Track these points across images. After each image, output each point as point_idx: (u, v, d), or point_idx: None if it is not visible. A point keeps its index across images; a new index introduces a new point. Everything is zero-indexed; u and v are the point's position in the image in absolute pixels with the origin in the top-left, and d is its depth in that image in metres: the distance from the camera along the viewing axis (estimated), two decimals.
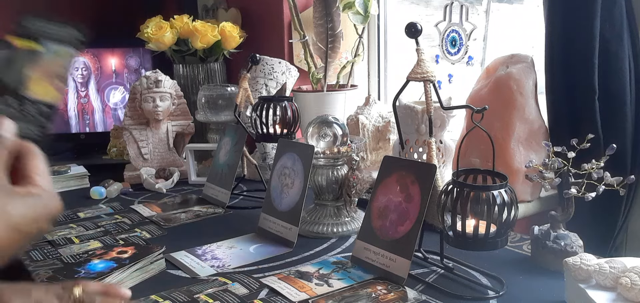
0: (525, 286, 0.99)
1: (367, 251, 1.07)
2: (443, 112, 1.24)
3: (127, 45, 2.33)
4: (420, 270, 1.06)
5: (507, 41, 1.56)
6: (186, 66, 1.98)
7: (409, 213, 1.02)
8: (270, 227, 1.25)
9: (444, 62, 1.61)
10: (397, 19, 1.89)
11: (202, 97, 1.78)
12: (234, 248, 1.20)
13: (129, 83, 2.33)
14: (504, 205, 0.91)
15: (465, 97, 1.40)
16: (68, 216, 1.45)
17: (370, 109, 1.64)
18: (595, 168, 0.98)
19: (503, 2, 1.58)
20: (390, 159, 1.12)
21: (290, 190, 1.23)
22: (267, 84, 1.72)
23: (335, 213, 1.28)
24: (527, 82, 1.29)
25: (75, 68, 2.35)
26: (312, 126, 1.28)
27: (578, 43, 1.17)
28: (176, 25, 1.90)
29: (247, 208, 1.50)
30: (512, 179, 1.22)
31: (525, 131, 1.30)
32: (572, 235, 1.04)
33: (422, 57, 1.02)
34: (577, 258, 0.89)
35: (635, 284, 0.81)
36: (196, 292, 0.99)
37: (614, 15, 1.15)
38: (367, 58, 1.96)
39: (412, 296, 0.95)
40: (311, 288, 0.99)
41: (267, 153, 1.68)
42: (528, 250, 1.12)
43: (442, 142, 1.29)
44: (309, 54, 1.78)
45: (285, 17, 1.93)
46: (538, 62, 1.31)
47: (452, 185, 0.95)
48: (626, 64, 1.17)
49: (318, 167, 1.26)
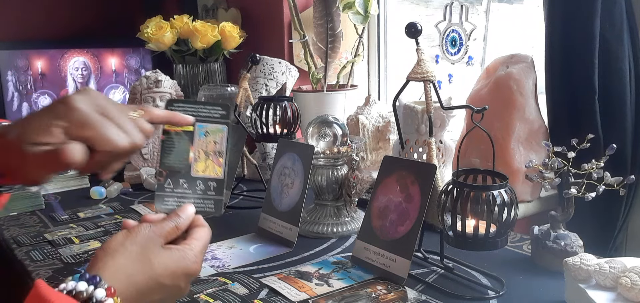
0: (525, 286, 0.99)
1: (367, 251, 1.07)
2: (443, 112, 1.24)
3: (127, 45, 2.33)
4: (420, 270, 1.06)
5: (507, 40, 1.56)
6: (186, 66, 1.98)
7: (409, 213, 1.02)
8: (270, 227, 1.25)
9: (444, 62, 1.61)
10: (397, 19, 1.89)
11: (202, 97, 1.78)
12: (234, 248, 1.20)
13: (129, 83, 2.33)
14: (504, 205, 0.91)
15: (465, 97, 1.40)
16: (68, 216, 1.45)
17: (370, 109, 1.64)
18: (595, 168, 0.98)
19: (503, 2, 1.58)
20: (390, 159, 1.12)
21: (290, 190, 1.23)
22: (267, 84, 1.72)
23: (335, 213, 1.28)
24: (527, 82, 1.29)
25: (75, 68, 2.35)
26: (312, 126, 1.28)
27: (578, 43, 1.17)
28: (176, 25, 1.90)
29: (247, 208, 1.50)
30: (512, 179, 1.22)
31: (525, 131, 1.30)
32: (572, 235, 1.04)
33: (422, 57, 1.02)
34: (577, 258, 0.89)
35: (635, 284, 0.81)
36: (196, 291, 0.99)
37: (614, 15, 1.15)
38: (367, 58, 1.96)
39: (412, 296, 0.95)
40: (311, 288, 0.99)
41: (267, 153, 1.68)
42: (528, 250, 1.12)
43: (442, 142, 1.29)
44: (309, 54, 1.78)
45: (285, 17, 1.93)
46: (538, 62, 1.30)
47: (452, 185, 0.95)
48: (626, 64, 1.17)
49: (318, 167, 1.26)
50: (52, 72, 2.32)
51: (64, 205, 1.55)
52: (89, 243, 1.26)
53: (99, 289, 0.58)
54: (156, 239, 0.66)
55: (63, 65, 2.33)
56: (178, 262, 0.66)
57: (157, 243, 0.66)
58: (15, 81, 2.31)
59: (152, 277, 0.63)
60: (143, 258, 0.64)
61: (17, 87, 2.31)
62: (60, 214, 1.46)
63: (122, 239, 0.65)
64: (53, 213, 1.48)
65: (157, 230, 0.67)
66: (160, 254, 0.65)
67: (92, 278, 0.59)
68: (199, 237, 0.70)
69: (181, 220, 0.70)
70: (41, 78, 2.32)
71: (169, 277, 0.65)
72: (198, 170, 0.77)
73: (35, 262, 1.16)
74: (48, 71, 2.32)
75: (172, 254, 0.66)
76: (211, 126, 0.78)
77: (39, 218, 1.45)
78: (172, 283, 0.65)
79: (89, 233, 1.33)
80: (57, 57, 2.32)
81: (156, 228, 0.67)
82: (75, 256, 1.19)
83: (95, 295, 0.57)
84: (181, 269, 0.66)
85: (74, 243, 1.26)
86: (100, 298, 0.57)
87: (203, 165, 0.77)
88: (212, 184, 0.77)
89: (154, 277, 0.63)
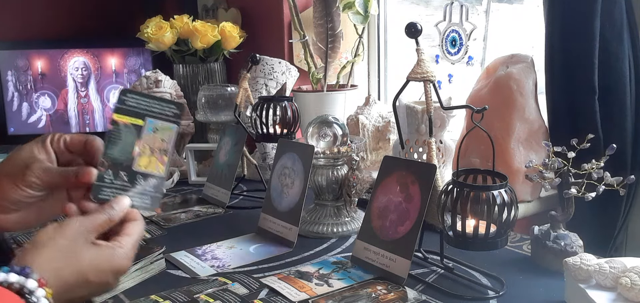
0: (525, 286, 0.99)
1: (367, 251, 1.07)
2: (443, 112, 1.24)
3: (127, 45, 2.33)
4: (420, 270, 1.06)
5: (507, 40, 1.56)
6: (186, 66, 1.98)
7: (409, 213, 1.02)
8: (270, 227, 1.25)
9: (444, 62, 1.61)
10: (397, 19, 1.89)
11: (202, 97, 1.78)
12: (234, 248, 1.20)
13: (129, 83, 2.33)
14: (504, 205, 0.91)
15: (465, 97, 1.40)
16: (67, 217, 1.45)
17: (370, 109, 1.64)
18: (595, 168, 0.98)
19: (503, 2, 1.58)
20: (390, 159, 1.12)
21: (290, 190, 1.23)
22: (267, 84, 1.72)
23: (335, 213, 1.28)
24: (527, 82, 1.29)
25: (75, 68, 2.35)
26: (312, 126, 1.28)
27: (578, 43, 1.17)
28: (176, 25, 1.90)
29: (247, 208, 1.50)
30: (512, 179, 1.22)
31: (525, 131, 1.30)
32: (572, 235, 1.04)
33: (422, 57, 1.02)
34: (577, 258, 0.89)
35: (635, 284, 0.81)
36: (196, 291, 0.99)
37: (614, 15, 1.15)
38: (367, 58, 1.96)
39: (412, 296, 0.95)
40: (311, 288, 0.99)
41: (267, 153, 1.68)
42: (528, 250, 1.12)
43: (442, 142, 1.29)
44: (309, 54, 1.78)
45: (285, 17, 1.93)
46: (538, 62, 1.31)
47: (452, 185, 0.95)
48: (626, 64, 1.17)
49: (318, 167, 1.26)
50: (52, 72, 2.33)
51: None
52: None
53: (30, 280, 0.59)
54: (86, 234, 0.66)
55: (63, 65, 2.33)
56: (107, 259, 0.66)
57: (87, 239, 0.66)
58: (15, 81, 2.31)
59: (80, 271, 0.64)
60: (71, 252, 0.64)
61: (17, 87, 2.31)
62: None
63: (52, 232, 0.65)
64: None
65: (87, 223, 0.67)
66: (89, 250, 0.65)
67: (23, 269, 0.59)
68: (131, 233, 0.70)
69: (114, 212, 0.70)
70: (41, 78, 2.32)
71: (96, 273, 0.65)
72: (140, 165, 0.75)
73: None
74: (48, 71, 2.32)
75: (100, 251, 0.66)
76: (161, 123, 0.77)
77: None
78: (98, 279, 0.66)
79: None
80: (57, 57, 2.32)
81: (87, 221, 0.68)
82: None
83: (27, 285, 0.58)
84: (110, 266, 0.66)
85: None
86: (31, 288, 0.58)
87: (146, 160, 0.76)
88: (153, 181, 0.76)
89: (82, 272, 0.64)
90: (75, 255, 0.64)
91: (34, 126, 2.34)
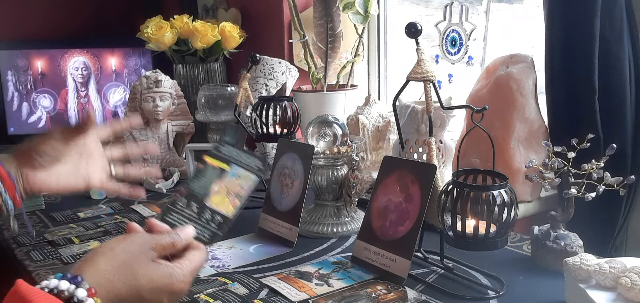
0: (525, 286, 0.99)
1: (367, 251, 1.07)
2: (443, 112, 1.24)
3: (127, 45, 2.33)
4: (420, 270, 1.06)
5: (507, 40, 1.56)
6: (186, 66, 1.98)
7: (409, 213, 1.02)
8: (270, 227, 1.25)
9: (444, 62, 1.60)
10: (397, 19, 1.89)
11: (202, 97, 1.78)
12: (234, 248, 1.20)
13: (129, 83, 2.33)
14: (504, 205, 0.91)
15: (465, 97, 1.40)
16: (68, 216, 1.45)
17: (370, 109, 1.64)
18: (595, 168, 0.98)
19: (503, 2, 1.58)
20: (390, 159, 1.12)
21: (290, 190, 1.23)
22: (267, 84, 1.72)
23: (335, 213, 1.28)
24: (527, 82, 1.29)
25: (75, 68, 2.35)
26: (312, 126, 1.28)
27: (578, 43, 1.17)
28: (176, 25, 1.90)
29: (247, 208, 1.48)
30: (512, 179, 1.21)
31: (525, 131, 1.30)
32: (572, 235, 1.04)
33: (422, 57, 1.02)
34: (577, 258, 0.89)
35: (635, 284, 0.81)
36: (196, 291, 0.99)
37: (614, 15, 1.15)
38: (367, 58, 1.96)
39: (412, 296, 0.95)
40: (311, 288, 0.99)
41: (267, 153, 1.68)
42: (528, 250, 1.12)
43: (442, 142, 1.29)
44: (309, 54, 1.78)
45: (285, 17, 1.93)
46: (538, 62, 1.30)
47: (452, 185, 0.95)
48: (626, 64, 1.17)
49: (318, 167, 1.26)
50: (52, 72, 2.33)
51: (64, 204, 1.55)
52: (89, 243, 1.26)
53: (80, 289, 0.59)
54: (148, 251, 0.67)
55: (63, 65, 2.33)
56: (163, 278, 0.66)
57: (148, 255, 0.67)
58: (15, 81, 2.31)
59: (134, 286, 0.64)
60: (128, 266, 0.64)
61: (17, 87, 2.31)
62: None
63: (114, 244, 0.66)
64: (53, 213, 1.48)
65: (152, 241, 0.68)
66: (148, 267, 0.66)
67: (74, 278, 0.59)
68: (191, 259, 0.71)
69: (179, 238, 0.71)
70: (41, 78, 2.32)
71: (151, 291, 0.65)
72: (213, 201, 0.81)
73: (36, 262, 1.16)
74: (48, 71, 2.32)
75: (159, 269, 0.66)
76: (244, 172, 0.83)
77: (39, 218, 1.45)
78: (153, 297, 0.66)
79: (89, 233, 1.33)
80: (57, 57, 2.32)
81: (152, 239, 0.69)
82: (75, 256, 1.19)
83: (77, 294, 0.58)
84: (166, 285, 0.66)
85: (74, 243, 1.26)
86: (81, 297, 0.58)
87: (219, 199, 0.81)
88: (218, 218, 0.80)
89: (136, 287, 0.64)
90: (133, 270, 0.64)
91: (34, 126, 2.34)
